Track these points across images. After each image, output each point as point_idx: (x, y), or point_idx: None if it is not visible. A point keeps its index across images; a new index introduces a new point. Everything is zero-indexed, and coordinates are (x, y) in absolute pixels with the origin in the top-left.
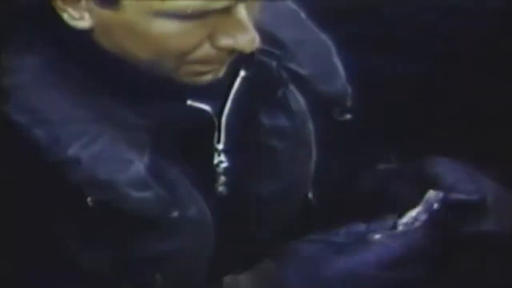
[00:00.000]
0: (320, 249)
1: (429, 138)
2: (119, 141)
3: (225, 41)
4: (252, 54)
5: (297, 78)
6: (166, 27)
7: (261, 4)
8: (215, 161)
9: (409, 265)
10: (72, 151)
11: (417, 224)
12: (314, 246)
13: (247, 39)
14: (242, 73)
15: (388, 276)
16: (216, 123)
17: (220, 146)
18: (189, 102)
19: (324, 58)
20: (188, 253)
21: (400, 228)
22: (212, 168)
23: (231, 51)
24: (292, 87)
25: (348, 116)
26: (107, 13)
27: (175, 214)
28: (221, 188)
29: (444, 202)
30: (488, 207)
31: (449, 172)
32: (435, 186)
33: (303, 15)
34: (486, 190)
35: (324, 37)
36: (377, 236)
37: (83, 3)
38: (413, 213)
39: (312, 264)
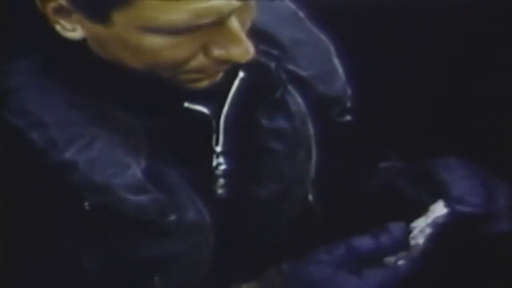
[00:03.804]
0: (334, 271)
1: (430, 138)
2: (116, 145)
3: (219, 53)
4: None
5: (296, 79)
6: (158, 41)
7: (255, 12)
8: (214, 163)
9: (416, 281)
10: (68, 154)
11: (422, 237)
12: (326, 269)
13: (241, 50)
14: (241, 74)
15: None
16: (215, 125)
17: (219, 148)
18: (186, 104)
19: (323, 59)
20: (186, 256)
21: (411, 243)
22: (210, 171)
23: (226, 61)
24: (291, 88)
25: (348, 117)
26: (98, 27)
27: (173, 217)
28: (220, 191)
29: (450, 214)
30: (497, 214)
31: (457, 182)
32: (441, 195)
33: (301, 15)
34: (495, 199)
35: (323, 37)
36: (401, 262)
37: (74, 16)
38: (418, 225)
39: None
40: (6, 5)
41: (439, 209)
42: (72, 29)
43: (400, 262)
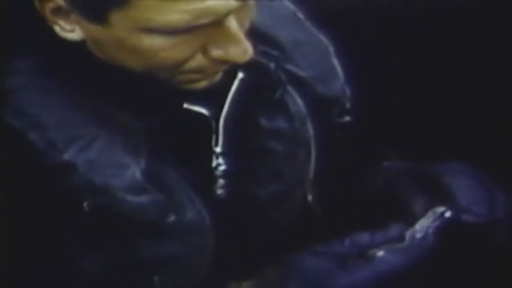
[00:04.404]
0: (325, 263)
1: (429, 138)
2: (115, 145)
3: (217, 53)
4: None
5: (295, 80)
6: (156, 42)
7: (254, 12)
8: (213, 164)
9: (410, 282)
10: (68, 155)
11: (421, 236)
12: (319, 259)
13: (239, 51)
14: (240, 75)
15: None
16: (214, 125)
17: (218, 149)
18: (185, 105)
19: (322, 59)
20: (186, 257)
21: (407, 238)
22: (210, 171)
23: (224, 61)
24: (290, 89)
25: (347, 118)
26: (96, 28)
27: (172, 218)
28: (219, 191)
29: (453, 220)
30: (498, 225)
31: (463, 191)
32: (447, 203)
33: (301, 15)
34: (498, 209)
35: (322, 38)
36: (380, 253)
37: (72, 16)
38: (418, 224)
39: (316, 279)
40: (5, 5)
41: (440, 212)
42: (70, 30)
43: (379, 254)
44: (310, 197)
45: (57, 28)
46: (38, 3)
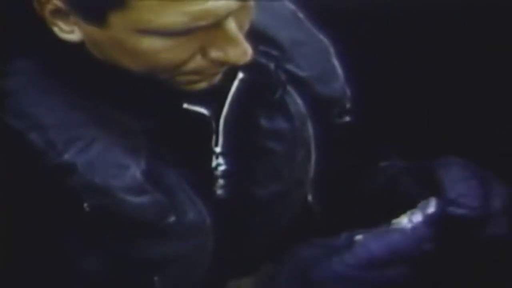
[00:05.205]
0: (315, 252)
1: (429, 139)
2: (115, 146)
3: (216, 54)
4: None
5: (295, 80)
6: (155, 43)
7: (253, 13)
8: (213, 164)
9: (391, 266)
10: (68, 156)
11: (409, 225)
12: (312, 249)
13: (238, 52)
14: (240, 75)
15: (368, 276)
16: (214, 126)
17: (218, 149)
18: (185, 105)
19: (322, 59)
20: (186, 257)
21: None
22: (210, 171)
23: (224, 63)
24: (290, 89)
25: (347, 118)
26: (95, 30)
27: (172, 218)
28: (219, 191)
29: (441, 212)
30: (493, 218)
31: (455, 184)
32: (438, 195)
33: (301, 15)
34: (492, 203)
35: (322, 38)
36: (358, 237)
37: (71, 18)
38: (407, 215)
39: (304, 266)
40: (5, 5)
41: (429, 203)
42: (69, 31)
43: (357, 238)
44: (310, 197)
45: (56, 29)
46: (37, 5)
